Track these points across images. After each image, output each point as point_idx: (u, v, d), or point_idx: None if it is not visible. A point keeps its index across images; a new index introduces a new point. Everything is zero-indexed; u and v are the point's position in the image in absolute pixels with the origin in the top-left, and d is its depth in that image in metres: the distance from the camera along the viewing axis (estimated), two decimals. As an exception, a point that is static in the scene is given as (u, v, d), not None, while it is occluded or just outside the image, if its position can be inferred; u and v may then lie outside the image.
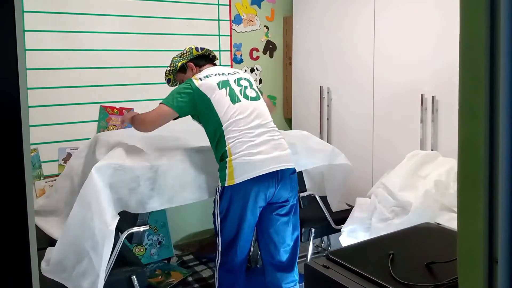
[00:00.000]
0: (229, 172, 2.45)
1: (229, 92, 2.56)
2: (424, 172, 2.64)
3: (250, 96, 2.62)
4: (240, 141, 2.46)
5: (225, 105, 2.52)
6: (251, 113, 2.55)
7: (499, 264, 0.69)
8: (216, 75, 2.63)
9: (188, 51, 2.78)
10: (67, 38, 3.33)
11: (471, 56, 0.68)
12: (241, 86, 2.64)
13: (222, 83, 2.58)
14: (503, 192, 0.67)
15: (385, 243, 1.48)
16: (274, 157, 2.51)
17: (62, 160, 3.35)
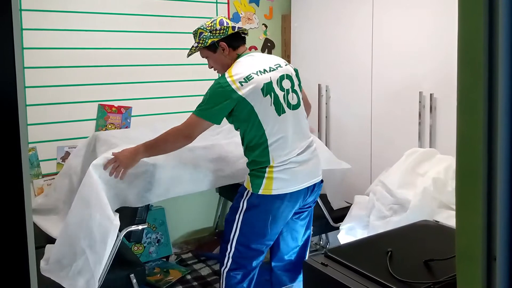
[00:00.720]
0: (267, 182, 2.29)
1: (274, 100, 2.30)
2: (422, 170, 2.65)
3: (292, 104, 2.39)
4: (284, 157, 2.30)
5: (271, 116, 2.29)
6: (294, 124, 2.37)
7: (498, 261, 0.69)
8: (257, 73, 2.30)
9: (222, 29, 2.40)
10: (65, 37, 3.33)
11: (469, 52, 0.68)
12: (284, 91, 2.37)
13: (266, 87, 2.29)
14: (501, 189, 0.67)
15: (383, 241, 1.48)
16: (312, 169, 2.42)
17: (61, 158, 3.35)
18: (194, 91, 3.86)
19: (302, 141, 2.40)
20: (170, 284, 3.33)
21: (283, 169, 2.30)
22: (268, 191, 2.30)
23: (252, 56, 2.44)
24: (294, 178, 2.33)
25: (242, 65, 2.35)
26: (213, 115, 2.27)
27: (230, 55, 2.44)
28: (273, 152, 2.29)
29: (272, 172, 2.29)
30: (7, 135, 1.01)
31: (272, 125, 2.29)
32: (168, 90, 3.77)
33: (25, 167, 1.04)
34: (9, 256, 1.04)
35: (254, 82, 2.25)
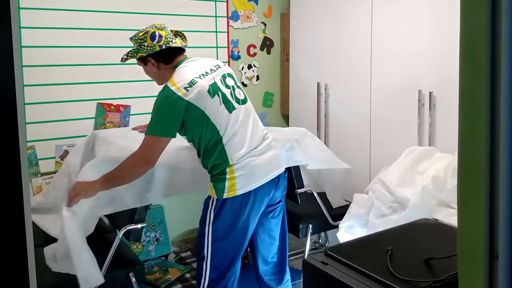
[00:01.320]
0: (230, 184, 2.24)
1: (223, 99, 2.27)
2: (421, 168, 2.65)
3: (241, 100, 2.38)
4: (242, 152, 2.27)
5: (223, 115, 2.25)
6: (246, 118, 2.35)
7: (500, 259, 0.69)
8: (200, 76, 2.26)
9: (149, 45, 2.30)
10: (63, 35, 3.32)
11: (471, 49, 0.68)
12: (230, 88, 2.35)
13: (212, 88, 2.25)
14: (503, 187, 0.67)
15: (383, 239, 1.48)
16: (272, 159, 2.38)
17: (59, 157, 3.34)
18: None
19: (256, 134, 2.37)
20: (169, 282, 3.33)
21: (243, 165, 2.25)
22: (233, 193, 2.24)
23: (191, 62, 2.36)
24: (255, 173, 2.28)
25: (182, 72, 2.28)
26: (167, 129, 2.20)
27: (163, 68, 2.36)
28: (230, 150, 2.25)
29: (232, 172, 2.24)
30: (6, 134, 1.00)
31: (226, 124, 2.25)
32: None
33: (24, 165, 1.03)
34: (9, 255, 1.04)
35: (199, 85, 2.20)
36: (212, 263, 2.30)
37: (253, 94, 4.24)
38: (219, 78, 2.32)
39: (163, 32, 2.33)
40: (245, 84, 4.21)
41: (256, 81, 4.27)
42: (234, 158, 2.25)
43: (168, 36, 2.33)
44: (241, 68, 4.18)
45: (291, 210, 3.24)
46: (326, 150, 3.27)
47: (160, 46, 2.29)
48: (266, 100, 4.36)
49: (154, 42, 2.30)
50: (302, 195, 3.02)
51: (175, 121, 2.19)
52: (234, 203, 2.26)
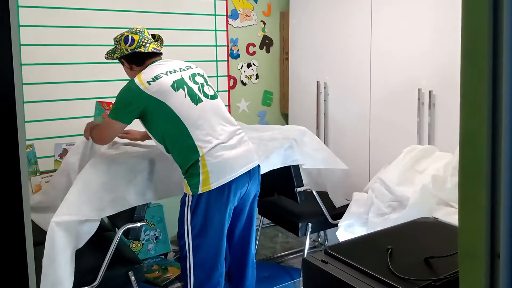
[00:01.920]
0: (203, 178, 2.25)
1: (188, 92, 2.33)
2: (421, 167, 2.65)
3: (209, 95, 2.42)
4: (212, 144, 2.28)
5: (187, 107, 2.29)
6: (215, 112, 2.38)
7: (501, 258, 0.69)
8: (166, 73, 2.34)
9: (123, 48, 2.44)
10: (62, 33, 3.31)
11: (473, 48, 0.68)
12: (198, 84, 2.41)
13: (176, 83, 2.32)
14: (505, 187, 0.67)
15: (383, 238, 1.48)
16: (245, 154, 2.40)
17: (58, 156, 3.33)
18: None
19: (226, 129, 2.38)
20: (169, 281, 3.33)
21: (215, 159, 2.27)
22: (207, 187, 2.26)
23: (163, 62, 2.46)
24: (229, 166, 2.30)
25: (150, 69, 2.39)
26: (123, 115, 2.33)
27: (135, 69, 2.46)
28: (199, 141, 2.27)
29: (205, 166, 2.26)
30: (5, 133, 1.00)
31: (190, 115, 2.29)
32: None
33: (23, 164, 1.03)
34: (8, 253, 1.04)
35: (162, 81, 2.29)
36: (195, 261, 2.32)
37: (252, 92, 4.25)
38: (188, 75, 2.40)
39: (136, 36, 2.43)
40: (245, 83, 4.21)
41: (255, 80, 4.27)
42: (204, 148, 2.27)
43: (142, 41, 2.43)
44: (240, 67, 4.17)
45: (290, 208, 3.25)
46: (325, 149, 3.27)
47: (132, 50, 2.42)
48: (265, 99, 4.36)
49: (126, 45, 2.43)
50: (302, 194, 3.02)
51: (131, 109, 2.30)
52: (210, 197, 2.28)
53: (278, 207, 3.36)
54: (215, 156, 2.27)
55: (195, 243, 2.31)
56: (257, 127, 3.36)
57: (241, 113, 4.20)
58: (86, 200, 2.37)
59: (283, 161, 2.94)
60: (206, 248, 2.33)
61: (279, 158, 2.91)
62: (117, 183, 2.43)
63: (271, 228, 4.17)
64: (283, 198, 3.32)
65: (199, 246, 2.32)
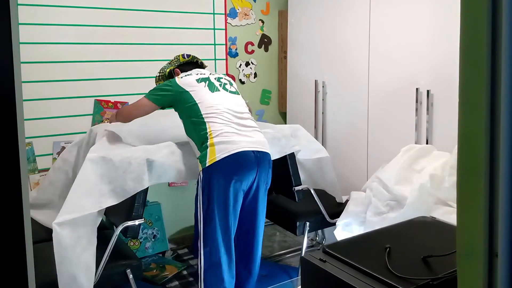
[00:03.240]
0: (210, 151, 2.45)
1: (208, 84, 2.67)
2: (419, 166, 2.65)
3: (229, 90, 2.73)
4: (221, 124, 2.51)
5: (204, 94, 2.60)
6: (229, 102, 2.64)
7: (499, 257, 0.69)
8: (197, 74, 2.73)
9: (175, 58, 2.92)
10: (61, 31, 3.31)
11: (471, 47, 0.68)
12: (221, 82, 2.74)
13: (201, 79, 2.69)
14: (503, 185, 0.67)
15: (381, 237, 1.48)
16: (253, 139, 2.56)
17: (57, 153, 3.33)
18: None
19: (239, 119, 2.60)
20: (166, 279, 3.33)
21: (222, 134, 2.48)
22: (213, 159, 2.43)
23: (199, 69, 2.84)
24: (234, 142, 2.48)
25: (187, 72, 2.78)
26: (156, 97, 2.66)
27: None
28: (209, 120, 2.51)
29: (212, 142, 2.45)
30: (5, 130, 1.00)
31: (205, 99, 2.58)
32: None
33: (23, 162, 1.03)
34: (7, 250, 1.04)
35: (191, 77, 2.69)
36: (206, 236, 2.47)
37: (250, 91, 4.25)
38: (214, 77, 2.76)
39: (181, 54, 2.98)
40: (243, 82, 4.21)
41: (253, 79, 4.28)
42: (212, 126, 2.49)
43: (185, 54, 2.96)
44: (238, 66, 4.18)
45: (288, 207, 3.25)
46: (317, 143, 3.31)
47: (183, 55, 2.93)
48: (263, 98, 4.36)
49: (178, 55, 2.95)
50: (300, 192, 3.02)
51: (163, 93, 2.66)
52: (215, 170, 2.43)
53: (276, 206, 3.36)
54: (222, 133, 2.47)
55: (206, 220, 2.47)
56: None
57: (240, 111, 4.20)
58: (85, 194, 2.39)
59: (281, 150, 2.94)
60: (215, 225, 2.46)
61: (276, 148, 2.90)
62: (114, 174, 2.45)
63: (269, 227, 4.17)
64: (281, 197, 3.32)
65: (209, 223, 2.46)
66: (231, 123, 2.55)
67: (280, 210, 3.30)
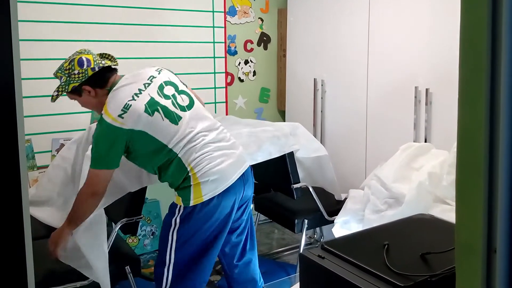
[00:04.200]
0: (195, 190, 2.11)
1: (164, 113, 2.15)
2: (417, 164, 2.66)
3: (185, 106, 2.24)
4: (200, 157, 2.14)
5: (168, 130, 2.14)
6: (196, 124, 2.21)
7: (498, 253, 0.70)
8: (133, 98, 2.13)
9: (80, 72, 2.17)
10: (60, 28, 3.31)
11: (471, 43, 0.68)
12: (170, 98, 2.22)
13: (149, 105, 2.13)
14: (502, 182, 0.68)
15: (380, 234, 1.49)
16: (236, 158, 2.25)
17: (56, 151, 3.34)
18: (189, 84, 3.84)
19: (212, 134, 2.23)
20: (165, 276, 3.33)
21: (206, 170, 2.12)
22: (199, 199, 2.11)
23: (123, 81, 2.22)
24: (221, 175, 2.15)
25: (115, 97, 2.15)
26: (109, 161, 2.13)
27: (100, 93, 2.23)
28: (187, 158, 2.14)
29: (196, 178, 2.12)
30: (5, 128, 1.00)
31: (174, 137, 2.14)
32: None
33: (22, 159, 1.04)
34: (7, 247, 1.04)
35: (133, 109, 2.10)
36: (174, 272, 2.18)
37: (249, 89, 4.25)
38: (156, 92, 2.20)
39: (89, 56, 2.21)
40: (242, 80, 4.21)
41: (252, 77, 4.28)
42: (193, 164, 2.13)
43: (96, 59, 2.23)
44: (237, 64, 4.18)
45: (287, 205, 3.26)
46: (317, 141, 3.31)
47: (92, 69, 2.18)
48: (262, 96, 4.36)
49: (84, 67, 2.17)
50: (298, 190, 3.03)
51: (115, 152, 2.13)
52: (202, 209, 2.13)
53: (275, 204, 3.37)
54: (206, 168, 2.13)
55: (178, 254, 2.17)
56: (249, 122, 3.37)
57: (238, 109, 4.21)
58: None
59: (280, 149, 2.93)
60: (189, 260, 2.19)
61: (276, 147, 2.90)
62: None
63: (267, 224, 4.18)
64: (280, 194, 3.33)
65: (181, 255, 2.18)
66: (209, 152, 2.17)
67: (279, 207, 3.31)
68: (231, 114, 4.00)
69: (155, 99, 2.17)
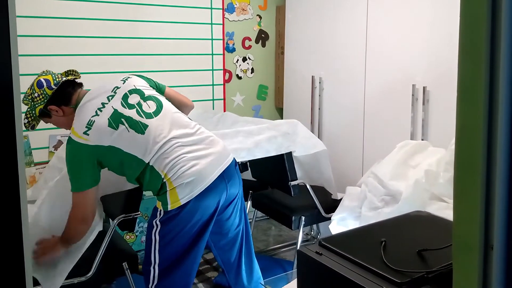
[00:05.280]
0: (171, 194, 2.10)
1: (129, 124, 2.12)
2: (414, 162, 2.67)
3: (152, 112, 2.19)
4: (172, 162, 2.11)
5: (135, 141, 2.11)
6: (165, 129, 2.16)
7: (495, 250, 0.70)
8: (97, 113, 2.12)
9: (40, 94, 2.19)
10: (57, 24, 3.30)
11: (471, 41, 0.69)
12: (135, 107, 2.18)
13: (112, 119, 2.12)
14: (500, 179, 0.68)
15: (377, 231, 1.49)
16: (214, 156, 2.20)
17: (53, 147, 3.33)
18: (188, 81, 3.85)
19: (185, 136, 2.18)
20: (162, 273, 3.33)
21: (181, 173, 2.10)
22: (177, 203, 2.10)
23: (89, 96, 2.22)
24: (196, 176, 2.11)
25: (79, 115, 2.16)
26: (86, 181, 2.11)
27: (67, 112, 2.24)
28: (159, 165, 2.12)
29: (171, 183, 2.10)
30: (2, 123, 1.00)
31: (143, 146, 2.11)
32: (162, 79, 3.74)
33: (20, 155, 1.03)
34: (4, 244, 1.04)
35: (97, 124, 2.10)
36: (160, 269, 2.17)
37: (247, 87, 4.26)
38: (119, 103, 2.17)
39: (48, 76, 2.24)
40: (240, 77, 4.21)
41: (250, 74, 4.28)
42: (166, 170, 2.11)
43: (56, 77, 2.24)
44: (236, 61, 4.18)
45: (284, 202, 3.26)
46: (314, 136, 3.31)
47: (50, 88, 2.20)
48: (260, 93, 4.37)
49: (43, 88, 2.20)
50: (296, 187, 3.03)
51: (90, 169, 2.12)
52: (181, 212, 2.12)
53: (272, 200, 3.37)
54: (179, 172, 2.10)
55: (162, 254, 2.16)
56: (247, 119, 3.38)
57: (236, 107, 4.21)
58: None
59: (277, 149, 2.94)
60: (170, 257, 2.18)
61: (273, 145, 2.91)
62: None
63: (264, 221, 4.19)
64: (277, 191, 3.34)
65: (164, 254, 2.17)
66: (183, 154, 2.13)
67: (276, 204, 3.31)
68: (229, 111, 4.00)
69: (119, 110, 2.15)
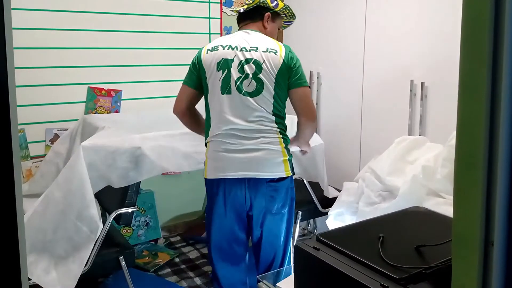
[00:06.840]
0: (205, 163, 2.35)
1: (224, 78, 2.23)
2: (412, 157, 2.66)
3: (246, 91, 2.21)
4: (218, 140, 2.26)
5: (215, 92, 2.25)
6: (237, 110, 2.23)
7: (495, 246, 0.70)
8: (225, 47, 2.26)
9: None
10: (54, 17, 3.28)
11: (473, 36, 0.68)
12: (243, 74, 2.22)
13: (223, 63, 2.23)
14: (501, 175, 0.68)
15: (375, 226, 1.49)
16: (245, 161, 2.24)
17: (49, 140, 3.32)
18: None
19: (241, 128, 2.23)
20: (159, 266, 3.34)
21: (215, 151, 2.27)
22: (205, 175, 2.35)
23: (240, 32, 2.39)
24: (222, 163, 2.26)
25: (220, 38, 2.42)
26: (186, 78, 2.39)
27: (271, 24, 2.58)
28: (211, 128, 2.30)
29: (207, 151, 2.33)
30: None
31: (214, 100, 2.28)
32: (160, 74, 3.74)
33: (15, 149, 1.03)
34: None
35: (216, 53, 2.27)
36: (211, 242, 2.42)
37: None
38: (239, 60, 2.23)
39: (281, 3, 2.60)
40: (237, 71, 4.20)
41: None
42: (211, 143, 2.30)
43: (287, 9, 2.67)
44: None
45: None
46: None
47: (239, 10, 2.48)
48: (257, 87, 4.35)
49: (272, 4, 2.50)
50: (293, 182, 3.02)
51: (191, 73, 2.37)
52: (207, 185, 2.36)
53: (269, 195, 3.36)
54: (216, 149, 2.27)
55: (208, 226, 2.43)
56: None
57: (233, 101, 4.19)
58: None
59: None
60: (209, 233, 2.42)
61: None
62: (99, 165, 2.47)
63: (261, 216, 4.18)
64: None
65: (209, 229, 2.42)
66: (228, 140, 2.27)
67: (273, 199, 3.30)
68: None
69: (232, 63, 2.25)
